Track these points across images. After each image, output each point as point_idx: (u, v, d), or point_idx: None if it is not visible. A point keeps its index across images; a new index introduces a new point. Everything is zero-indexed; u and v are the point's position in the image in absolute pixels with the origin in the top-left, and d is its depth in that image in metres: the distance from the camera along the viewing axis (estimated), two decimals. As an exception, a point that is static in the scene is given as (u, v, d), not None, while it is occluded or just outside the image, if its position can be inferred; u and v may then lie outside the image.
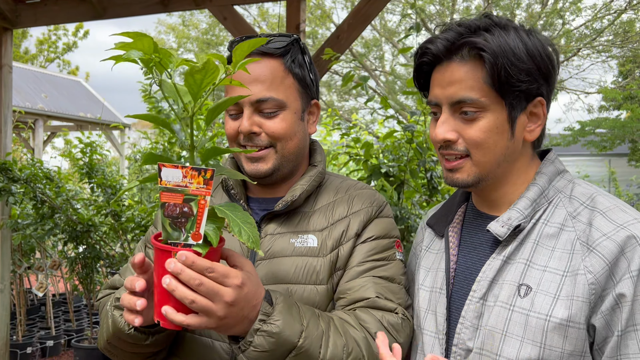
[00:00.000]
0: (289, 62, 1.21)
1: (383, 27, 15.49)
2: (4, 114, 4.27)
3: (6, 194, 3.94)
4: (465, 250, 1.14)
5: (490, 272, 1.05)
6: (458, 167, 1.07)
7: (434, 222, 1.24)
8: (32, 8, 4.20)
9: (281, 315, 1.00)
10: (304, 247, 1.18)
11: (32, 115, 10.19)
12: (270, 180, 1.24)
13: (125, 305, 0.98)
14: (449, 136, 1.05)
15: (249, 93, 1.14)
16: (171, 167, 0.87)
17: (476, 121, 1.02)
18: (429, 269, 1.19)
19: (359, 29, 3.15)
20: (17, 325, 4.94)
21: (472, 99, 1.01)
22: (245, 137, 1.20)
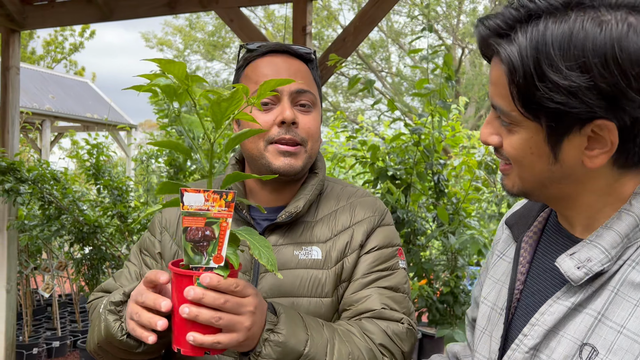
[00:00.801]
0: (313, 69, 1.25)
1: (389, 29, 15.46)
2: (11, 115, 4.29)
3: (14, 194, 3.95)
4: (535, 270, 0.90)
5: (550, 319, 0.80)
6: (506, 173, 0.87)
7: (513, 222, 1.00)
8: (39, 10, 4.21)
9: (285, 325, 1.00)
10: (308, 260, 1.17)
11: (39, 116, 10.25)
12: (290, 178, 1.21)
13: (144, 323, 0.95)
14: (490, 140, 0.85)
15: (288, 83, 1.13)
16: (193, 192, 0.89)
17: (511, 134, 0.81)
18: (497, 281, 0.99)
19: (365, 31, 3.14)
20: (24, 325, 4.95)
21: (503, 110, 0.80)
22: (283, 129, 1.15)
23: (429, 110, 2.87)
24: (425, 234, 3.07)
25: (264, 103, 1.17)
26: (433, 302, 3.00)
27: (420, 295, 2.99)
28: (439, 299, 3.01)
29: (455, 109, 3.47)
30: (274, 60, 1.20)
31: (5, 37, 4.27)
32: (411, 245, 3.03)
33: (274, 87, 0.92)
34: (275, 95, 1.16)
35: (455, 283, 2.99)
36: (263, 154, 1.17)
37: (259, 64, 1.20)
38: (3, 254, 4.29)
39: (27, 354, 4.75)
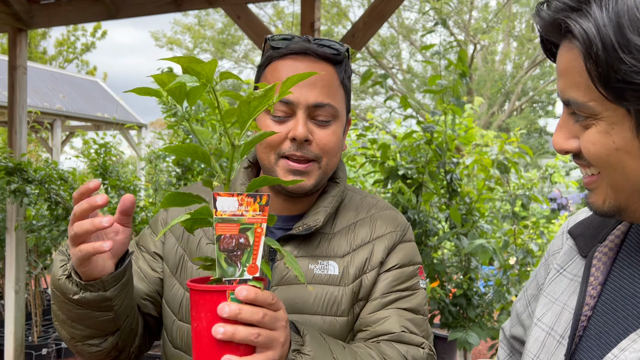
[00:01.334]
0: (342, 72, 1.12)
1: (400, 25, 15.35)
2: (19, 115, 4.26)
3: (20, 194, 3.93)
4: (611, 295, 0.75)
5: (633, 357, 0.66)
6: (592, 188, 0.72)
7: (579, 233, 0.86)
8: (46, 9, 4.19)
9: (312, 346, 0.92)
10: (324, 275, 1.09)
11: (50, 116, 10.28)
12: (301, 196, 1.13)
13: (86, 228, 0.85)
14: (567, 146, 0.71)
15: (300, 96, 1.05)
16: (227, 196, 0.81)
17: (589, 129, 0.68)
18: (555, 300, 0.84)
19: (374, 27, 3.06)
20: (33, 326, 4.94)
21: (578, 102, 0.67)
22: (294, 145, 1.06)
23: (441, 107, 2.79)
24: (437, 235, 3.00)
25: (278, 116, 1.07)
26: (445, 305, 2.92)
27: (432, 297, 2.92)
28: (451, 301, 2.93)
29: (470, 109, 3.38)
30: (295, 65, 1.09)
31: (12, 36, 4.24)
32: (423, 246, 2.95)
33: (297, 82, 0.83)
34: (289, 105, 1.06)
35: (469, 285, 2.91)
36: (274, 167, 1.09)
37: (279, 67, 1.10)
38: (11, 254, 4.28)
39: (36, 354, 4.73)
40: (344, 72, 1.13)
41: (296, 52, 1.09)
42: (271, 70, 1.11)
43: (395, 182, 2.88)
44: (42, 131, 8.66)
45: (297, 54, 1.09)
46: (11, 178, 3.92)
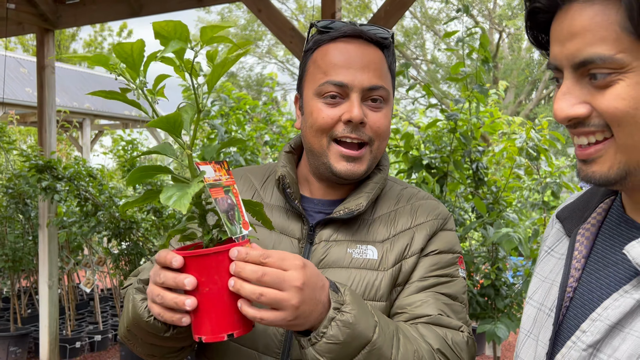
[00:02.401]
0: (390, 57, 1.12)
1: (424, 15, 15.17)
2: (48, 114, 4.36)
3: (51, 191, 4.02)
4: (594, 265, 0.80)
5: (615, 313, 0.70)
6: (595, 157, 0.72)
7: (565, 216, 0.90)
8: (71, 8, 4.26)
9: (354, 305, 0.88)
10: (362, 259, 1.08)
11: (79, 115, 10.50)
12: (351, 182, 1.13)
13: (169, 304, 0.84)
14: (574, 111, 0.71)
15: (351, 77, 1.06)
16: (203, 164, 0.86)
17: (612, 86, 0.68)
18: (544, 279, 0.89)
19: (396, 16, 3.03)
20: (67, 320, 5.07)
21: (604, 56, 0.66)
22: (348, 127, 1.05)
23: (465, 95, 2.74)
24: (464, 225, 2.95)
25: (332, 95, 1.06)
26: (473, 296, 2.88)
27: (459, 288, 2.88)
28: (479, 292, 2.89)
29: (495, 94, 3.31)
30: (347, 47, 1.07)
31: (40, 36, 4.33)
32: (449, 236, 2.91)
33: (211, 34, 0.86)
34: (342, 88, 1.05)
35: (497, 275, 2.86)
36: (325, 152, 1.08)
37: (330, 50, 1.08)
38: (44, 250, 4.39)
39: (70, 347, 4.86)
40: (391, 57, 1.13)
41: (348, 35, 1.08)
42: (321, 55, 1.09)
43: (419, 172, 2.85)
44: (72, 130, 8.84)
45: (348, 36, 1.08)
46: (42, 176, 4.01)
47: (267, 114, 4.82)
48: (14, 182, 4.83)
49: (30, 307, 5.63)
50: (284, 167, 1.14)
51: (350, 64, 1.06)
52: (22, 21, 4.22)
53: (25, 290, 5.57)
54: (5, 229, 5.05)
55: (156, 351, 1.05)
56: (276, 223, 1.12)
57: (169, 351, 1.05)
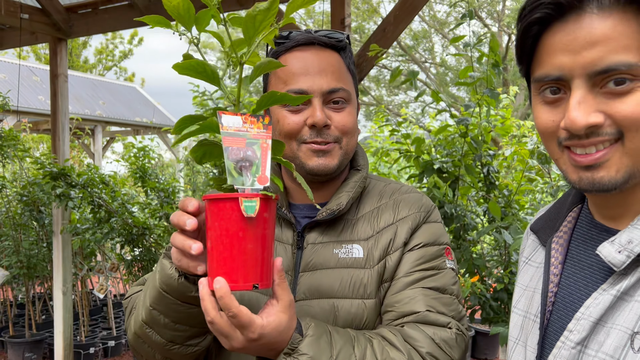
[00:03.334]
0: (347, 58, 1.17)
1: (432, 18, 15.16)
2: (61, 122, 4.41)
3: (65, 199, 4.06)
4: (571, 270, 0.85)
5: (596, 310, 0.75)
6: (602, 161, 0.74)
7: (538, 227, 0.96)
8: (84, 18, 4.31)
9: (309, 347, 0.92)
10: (348, 258, 1.10)
11: (91, 122, 10.60)
12: (325, 179, 1.16)
13: (177, 245, 0.90)
14: (593, 119, 0.72)
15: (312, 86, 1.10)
16: (230, 114, 0.87)
17: (632, 94, 0.70)
18: (526, 287, 0.93)
19: (405, 20, 3.03)
20: (80, 326, 5.11)
21: (629, 64, 0.69)
22: (314, 132, 1.10)
23: (475, 99, 2.74)
24: (476, 229, 2.94)
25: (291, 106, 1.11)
26: (486, 300, 2.87)
27: (472, 292, 2.87)
28: (492, 295, 2.88)
29: (506, 98, 3.31)
30: (303, 55, 1.12)
31: (53, 45, 4.39)
32: (461, 240, 2.91)
33: (301, 6, 0.87)
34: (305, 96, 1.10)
35: (510, 279, 2.85)
36: (296, 154, 1.12)
37: (287, 60, 1.13)
38: (58, 256, 4.43)
39: (84, 353, 4.89)
40: (348, 57, 1.17)
41: (302, 44, 1.13)
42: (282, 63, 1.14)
43: (430, 176, 2.85)
44: (84, 137, 8.93)
45: (302, 44, 1.13)
46: (56, 183, 4.06)
47: (278, 120, 4.85)
48: (29, 189, 4.89)
49: (44, 313, 5.68)
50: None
51: (308, 71, 1.10)
52: (35, 31, 4.28)
53: (39, 296, 5.62)
54: (20, 236, 5.10)
55: (178, 335, 1.03)
56: None
57: (193, 334, 1.04)
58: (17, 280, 5.31)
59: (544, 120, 0.78)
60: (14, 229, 5.09)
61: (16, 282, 5.39)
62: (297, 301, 1.08)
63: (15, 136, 4.85)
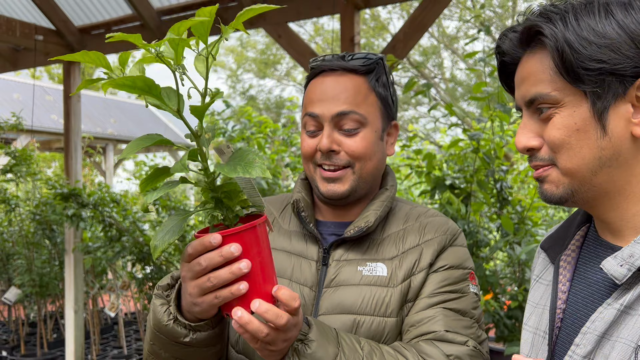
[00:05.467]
0: (372, 80, 1.18)
1: (441, 34, 15.22)
2: (74, 141, 4.45)
3: (77, 219, 4.08)
4: (578, 287, 0.89)
5: (601, 325, 0.79)
6: (544, 176, 0.86)
7: (548, 246, 1.01)
8: (96, 38, 4.38)
9: (315, 337, 0.96)
10: (372, 276, 1.12)
11: (102, 140, 10.69)
12: (345, 202, 1.18)
13: (224, 277, 0.86)
14: (530, 143, 0.85)
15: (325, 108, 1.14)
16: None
17: (551, 119, 0.83)
18: (536, 305, 0.97)
19: (415, 37, 3.04)
20: (92, 344, 5.09)
21: (542, 94, 0.83)
22: (323, 156, 1.14)
23: (487, 115, 2.73)
24: (489, 245, 2.91)
25: (311, 128, 1.16)
26: (500, 318, 2.83)
27: (486, 310, 2.83)
28: (506, 313, 2.83)
29: (516, 113, 3.29)
30: (324, 80, 1.16)
31: (67, 66, 4.45)
32: (474, 257, 2.87)
33: (248, 17, 0.84)
34: (316, 119, 1.14)
35: (524, 297, 2.81)
36: (313, 176, 1.18)
37: (311, 86, 1.19)
38: (70, 275, 4.44)
39: (95, 372, 4.87)
40: (376, 80, 1.18)
41: (325, 69, 1.18)
42: (307, 90, 1.20)
43: (443, 193, 2.83)
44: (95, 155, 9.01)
45: (326, 71, 1.17)
46: (68, 203, 4.08)
47: (287, 136, 4.86)
48: (41, 208, 4.92)
49: (56, 332, 5.68)
50: (298, 193, 1.21)
51: (323, 96, 1.14)
52: (49, 52, 4.34)
53: (51, 314, 5.62)
54: (33, 255, 5.13)
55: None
56: (295, 247, 1.19)
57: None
58: (29, 299, 5.33)
59: (515, 141, 0.91)
60: (26, 247, 5.12)
61: (28, 300, 5.40)
62: (319, 315, 1.11)
63: (29, 156, 4.90)
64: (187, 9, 3.90)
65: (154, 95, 0.82)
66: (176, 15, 3.96)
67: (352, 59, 1.17)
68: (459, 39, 15.09)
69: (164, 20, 4.00)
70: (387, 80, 1.20)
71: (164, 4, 3.98)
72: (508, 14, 13.84)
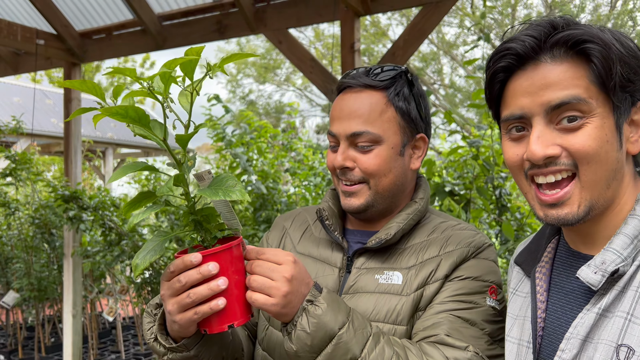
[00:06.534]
0: (392, 94, 1.18)
1: (441, 40, 15.26)
2: (74, 145, 4.46)
3: (77, 221, 4.08)
4: (555, 297, 0.93)
5: (583, 329, 0.83)
6: (564, 199, 0.85)
7: (522, 260, 1.03)
8: (97, 43, 4.39)
9: (327, 300, 0.97)
10: (387, 284, 1.13)
11: (102, 144, 10.69)
12: (365, 215, 1.21)
13: (203, 293, 0.92)
14: (552, 151, 0.83)
15: (344, 128, 1.18)
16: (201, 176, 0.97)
17: (582, 129, 0.82)
18: (516, 317, 0.99)
19: (415, 44, 3.06)
20: (89, 349, 5.08)
21: (579, 98, 0.82)
22: (340, 171, 1.19)
23: (487, 121, 2.74)
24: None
25: (332, 145, 1.22)
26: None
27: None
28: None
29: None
30: (344, 97, 1.20)
31: (67, 70, 4.46)
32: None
33: (232, 61, 0.93)
34: (335, 137, 1.19)
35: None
36: (338, 187, 1.24)
37: (335, 102, 1.23)
38: (69, 279, 4.43)
39: (93, 377, 4.85)
40: (396, 94, 1.18)
41: (346, 87, 1.22)
42: (332, 106, 1.25)
43: (443, 199, 2.83)
44: (95, 159, 9.02)
45: (347, 87, 1.21)
46: (69, 205, 4.08)
47: (288, 142, 4.86)
48: (40, 212, 4.92)
49: (53, 336, 5.66)
50: (325, 202, 1.27)
51: (341, 115, 1.19)
52: (50, 56, 4.36)
53: (49, 319, 5.61)
54: (32, 259, 5.12)
55: None
56: (321, 254, 1.23)
57: None
58: (28, 303, 5.31)
59: (510, 155, 0.89)
60: (25, 251, 5.11)
61: (26, 304, 5.38)
62: None
63: (29, 159, 4.90)
64: (188, 14, 3.92)
65: (143, 124, 0.89)
66: (177, 21, 3.97)
67: (374, 73, 1.19)
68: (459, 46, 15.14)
69: (165, 25, 4.01)
70: (410, 93, 1.20)
71: (165, 9, 3.99)
72: (507, 20, 13.88)
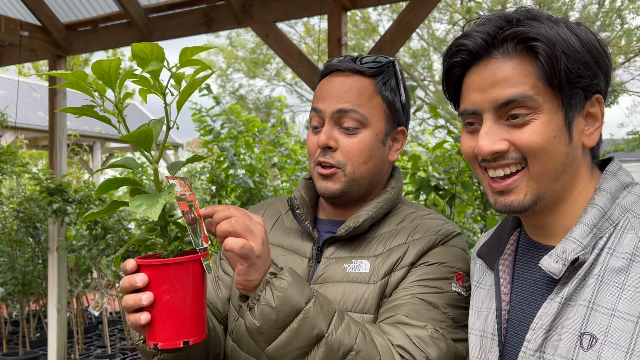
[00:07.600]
0: (380, 83, 1.18)
1: (431, 36, 15.29)
2: (59, 138, 4.41)
3: (61, 214, 4.05)
4: (519, 288, 0.94)
5: (547, 318, 0.84)
6: (512, 187, 0.87)
7: (484, 253, 1.04)
8: (83, 35, 4.34)
9: (291, 275, 0.96)
10: (354, 273, 1.12)
11: (90, 138, 10.61)
12: (340, 201, 1.20)
13: (129, 303, 0.91)
14: (498, 147, 0.86)
15: (330, 105, 1.16)
16: (172, 178, 0.93)
17: (529, 124, 0.85)
18: (479, 309, 1.00)
19: (402, 39, 3.06)
20: (75, 344, 5.05)
21: (525, 95, 0.84)
22: (322, 152, 1.16)
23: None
24: (473, 246, 2.93)
25: (314, 126, 1.18)
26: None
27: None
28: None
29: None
30: (331, 79, 1.19)
31: (52, 62, 4.41)
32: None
33: (191, 55, 0.91)
34: (319, 114, 1.17)
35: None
36: (313, 174, 1.21)
37: (320, 84, 1.22)
38: (53, 273, 4.40)
39: (78, 372, 4.83)
40: (384, 83, 1.18)
41: (334, 70, 1.20)
42: (316, 88, 1.24)
43: (428, 194, 2.84)
44: (82, 153, 8.95)
45: (335, 71, 1.20)
46: (53, 198, 4.05)
47: (276, 136, 4.85)
48: (25, 205, 4.87)
49: (39, 331, 5.62)
50: (297, 192, 1.24)
51: (328, 94, 1.17)
52: (35, 48, 4.31)
53: (34, 313, 5.57)
54: (16, 253, 5.07)
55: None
56: (291, 244, 1.22)
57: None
58: (12, 297, 5.27)
59: (465, 147, 0.93)
60: (9, 245, 5.06)
61: (11, 299, 5.34)
62: None
63: (13, 152, 4.85)
64: (174, 6, 3.89)
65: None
66: (164, 13, 3.94)
67: (363, 61, 1.19)
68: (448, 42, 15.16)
69: (151, 17, 3.98)
70: (396, 84, 1.20)
71: (151, 2, 3.96)
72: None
